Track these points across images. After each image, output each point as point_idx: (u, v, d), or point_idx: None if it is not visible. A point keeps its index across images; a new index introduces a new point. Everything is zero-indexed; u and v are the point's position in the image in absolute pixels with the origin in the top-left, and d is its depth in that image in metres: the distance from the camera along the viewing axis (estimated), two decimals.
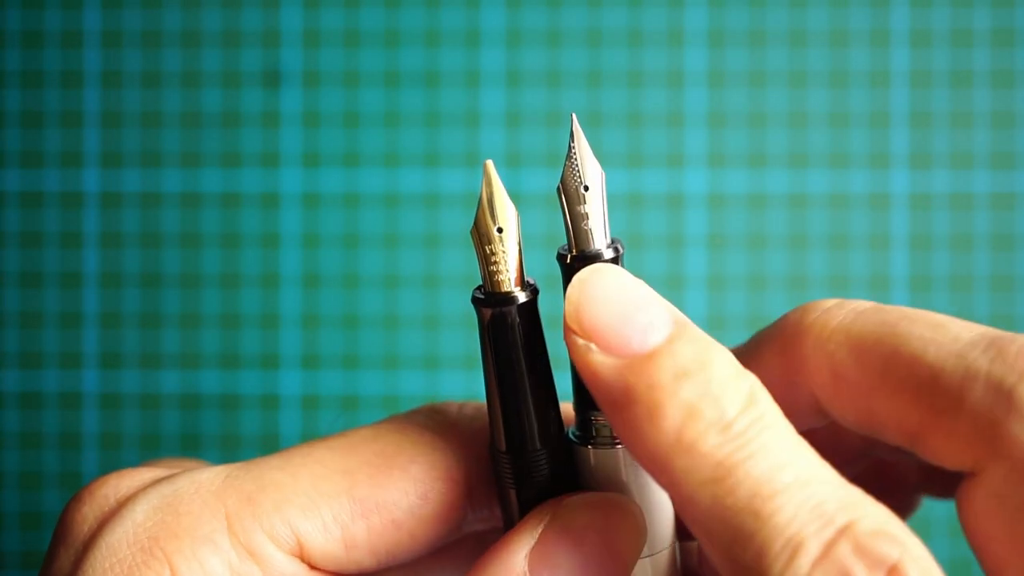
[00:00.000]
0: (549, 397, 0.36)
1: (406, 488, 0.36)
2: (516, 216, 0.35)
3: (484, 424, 0.37)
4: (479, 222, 0.35)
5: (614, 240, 0.36)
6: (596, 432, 0.36)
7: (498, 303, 0.35)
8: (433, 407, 0.38)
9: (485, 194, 0.35)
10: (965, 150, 0.69)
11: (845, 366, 0.35)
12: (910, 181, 0.69)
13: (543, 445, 0.36)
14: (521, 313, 0.35)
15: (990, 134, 0.69)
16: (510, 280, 0.35)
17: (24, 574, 0.68)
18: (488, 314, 0.35)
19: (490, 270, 0.35)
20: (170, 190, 0.69)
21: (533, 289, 0.35)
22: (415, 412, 0.38)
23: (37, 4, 0.69)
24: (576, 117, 0.36)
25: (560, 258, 0.36)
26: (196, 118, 0.69)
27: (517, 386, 0.35)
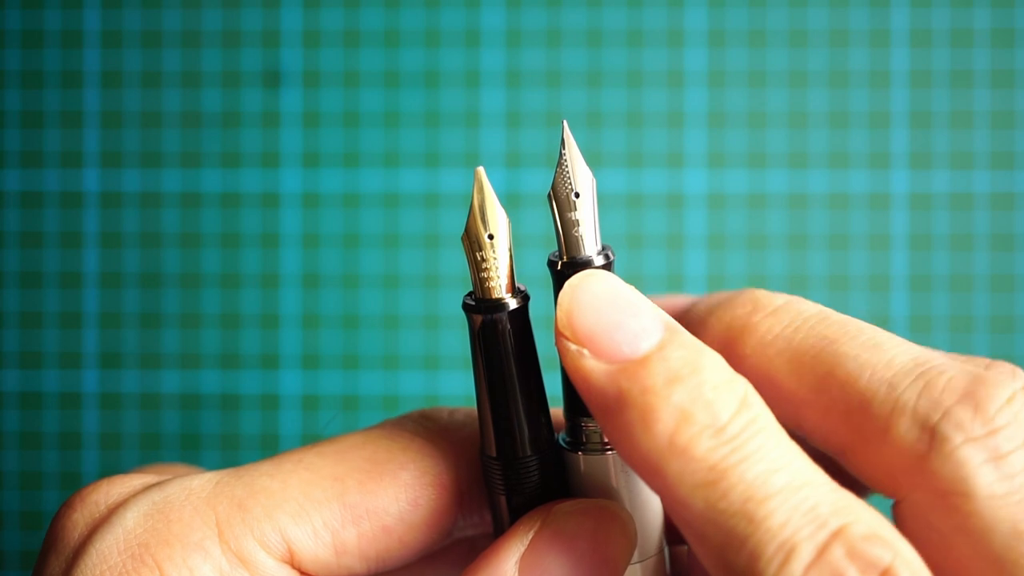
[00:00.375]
0: (539, 403, 0.36)
1: (396, 494, 0.36)
2: (507, 223, 0.35)
3: (475, 430, 0.37)
4: (470, 229, 0.35)
5: (605, 247, 0.36)
6: (586, 438, 0.36)
7: (489, 310, 0.35)
8: (424, 413, 0.38)
9: (476, 201, 0.35)
10: (965, 150, 0.69)
11: (781, 376, 0.35)
12: (910, 181, 0.69)
13: (533, 451, 0.36)
14: (512, 320, 0.35)
15: (990, 134, 0.69)
16: (501, 287, 0.35)
17: (24, 574, 0.68)
18: (479, 320, 0.35)
19: (481, 276, 0.35)
20: (170, 190, 0.69)
21: (524, 296, 0.35)
22: (405, 418, 0.38)
23: (37, 4, 0.70)
24: (567, 124, 0.36)
25: (551, 265, 0.36)
26: (196, 118, 0.70)
27: (507, 392, 0.35)
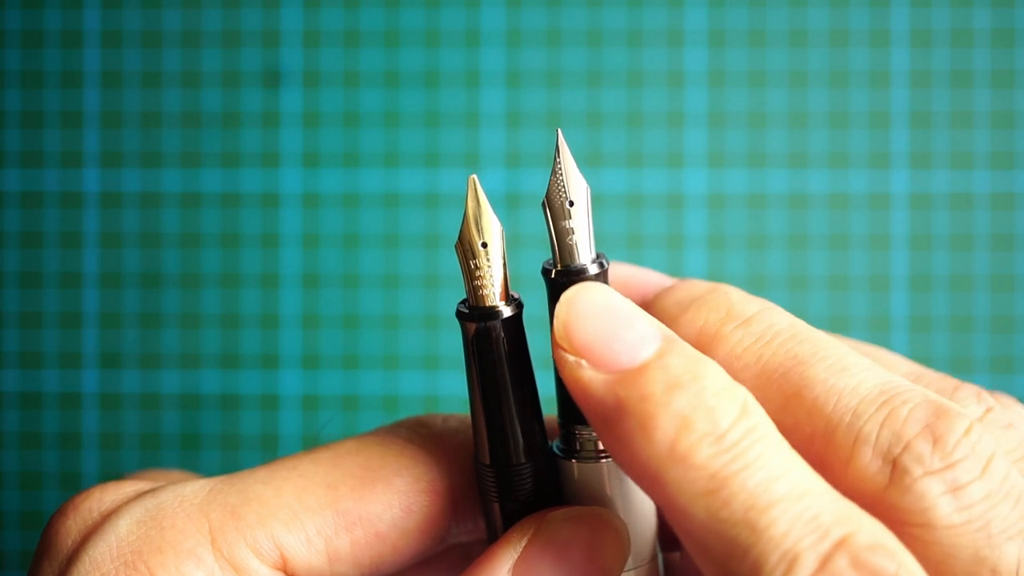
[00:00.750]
0: (533, 411, 0.36)
1: (390, 501, 0.36)
2: (501, 231, 0.35)
3: (468, 437, 0.38)
4: (464, 237, 0.35)
5: (599, 255, 0.36)
6: (580, 446, 0.36)
7: (482, 317, 0.35)
8: (418, 420, 0.38)
9: (470, 209, 0.35)
10: (965, 150, 0.69)
11: (747, 389, 0.35)
12: (910, 181, 0.69)
13: (527, 459, 0.36)
14: (506, 327, 0.35)
15: (990, 134, 0.69)
16: (495, 295, 0.35)
17: (24, 574, 0.68)
18: (472, 328, 0.35)
19: (474, 284, 0.35)
20: (170, 190, 0.69)
21: (518, 303, 0.35)
22: (399, 425, 0.38)
23: (37, 4, 0.70)
24: (562, 133, 0.36)
25: (545, 273, 0.36)
26: (196, 118, 0.70)
27: (501, 400, 0.35)
